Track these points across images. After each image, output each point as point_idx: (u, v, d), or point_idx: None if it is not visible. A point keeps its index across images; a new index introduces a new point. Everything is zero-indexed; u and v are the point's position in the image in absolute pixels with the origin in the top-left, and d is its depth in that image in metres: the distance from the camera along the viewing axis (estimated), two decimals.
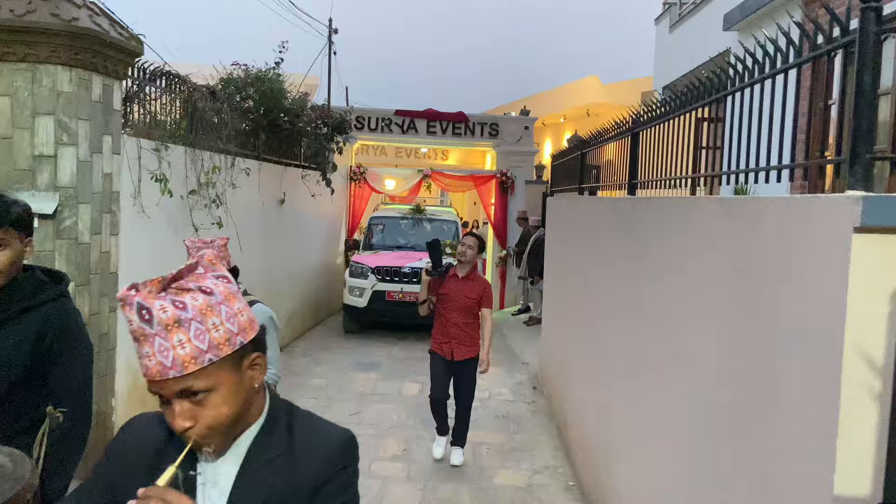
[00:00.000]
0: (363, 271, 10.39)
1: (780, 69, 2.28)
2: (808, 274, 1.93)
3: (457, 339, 5.52)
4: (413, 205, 12.63)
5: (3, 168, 4.33)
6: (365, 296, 10.29)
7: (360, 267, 10.47)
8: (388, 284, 10.21)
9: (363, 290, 10.31)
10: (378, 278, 10.26)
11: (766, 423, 2.15)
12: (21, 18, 4.12)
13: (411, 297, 9.77)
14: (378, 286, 10.22)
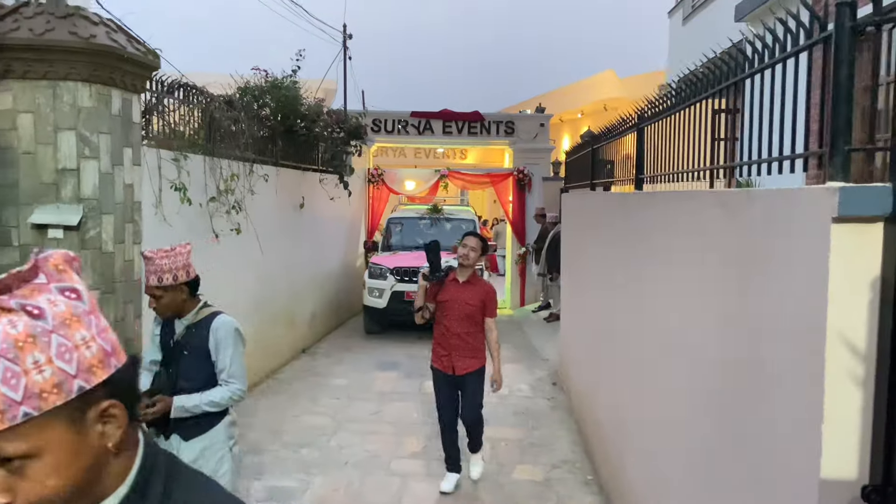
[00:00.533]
0: (382, 272, 10.42)
1: (767, 64, 2.33)
2: (792, 263, 1.98)
3: (458, 351, 5.02)
4: (430, 205, 12.63)
5: (29, 182, 4.51)
6: (384, 297, 10.32)
7: (379, 268, 10.51)
8: (406, 285, 10.16)
9: (382, 291, 10.34)
10: (397, 279, 10.27)
11: (758, 410, 2.21)
12: (41, 37, 4.28)
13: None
14: (397, 287, 10.23)
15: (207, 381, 3.25)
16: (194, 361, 3.25)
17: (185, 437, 3.22)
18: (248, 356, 7.35)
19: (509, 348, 10.21)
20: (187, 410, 3.16)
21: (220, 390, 3.24)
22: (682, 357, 3.13)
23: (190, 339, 3.28)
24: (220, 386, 3.25)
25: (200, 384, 3.23)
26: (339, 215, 11.43)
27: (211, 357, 3.26)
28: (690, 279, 3.06)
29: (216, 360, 3.26)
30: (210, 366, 3.26)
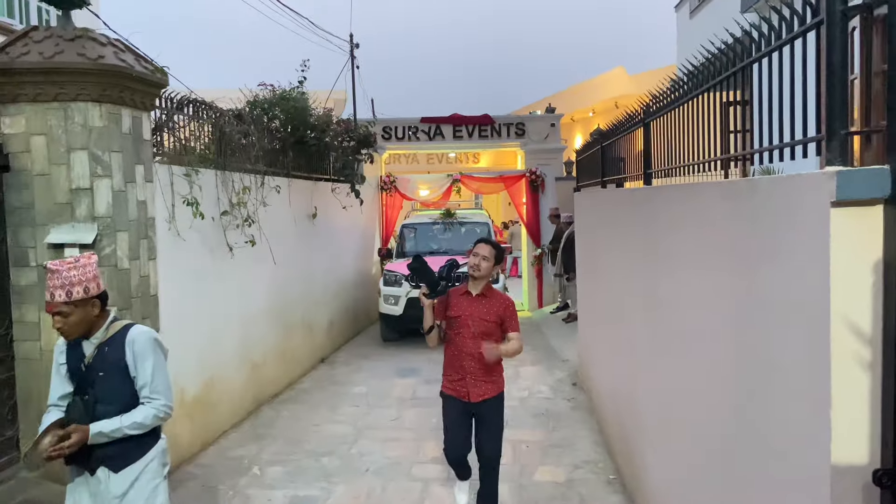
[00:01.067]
0: (396, 279, 10.37)
1: (764, 52, 2.32)
2: (795, 250, 1.97)
3: (473, 375, 4.33)
4: (443, 209, 12.64)
5: (44, 203, 4.59)
6: (400, 304, 10.27)
7: (394, 275, 10.46)
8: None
9: (398, 297, 10.28)
10: (412, 285, 10.03)
11: (770, 400, 2.19)
12: (50, 60, 4.37)
13: None
14: (412, 293, 10.10)
15: (130, 401, 2.93)
16: (112, 382, 2.91)
17: (113, 468, 2.92)
18: (267, 366, 7.50)
19: (528, 350, 10.18)
20: (107, 436, 2.82)
21: (143, 409, 2.91)
22: (697, 351, 3.11)
23: (103, 359, 2.93)
24: (142, 405, 2.93)
25: (123, 407, 2.90)
26: (353, 224, 11.49)
27: (130, 374, 2.94)
28: (700, 272, 3.04)
29: (136, 375, 2.93)
30: (130, 384, 2.94)
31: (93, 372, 2.92)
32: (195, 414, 5.86)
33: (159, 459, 3.06)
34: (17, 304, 4.66)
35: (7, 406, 4.62)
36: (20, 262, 4.64)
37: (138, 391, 2.93)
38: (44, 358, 4.68)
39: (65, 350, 3.02)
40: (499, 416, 4.47)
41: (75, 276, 2.85)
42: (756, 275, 2.32)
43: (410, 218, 13.00)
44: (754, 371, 2.36)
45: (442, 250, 11.57)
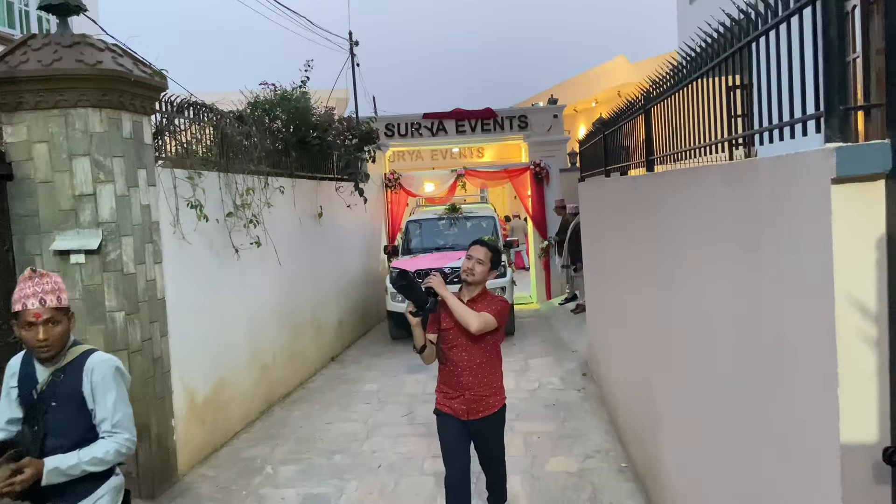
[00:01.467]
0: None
1: (761, 31, 2.30)
2: (798, 229, 1.95)
3: (471, 390, 3.89)
4: (448, 204, 12.47)
5: (48, 210, 4.61)
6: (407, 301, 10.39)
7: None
8: None
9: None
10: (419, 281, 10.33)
11: (779, 382, 2.18)
12: (49, 67, 4.38)
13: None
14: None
15: (84, 436, 2.65)
16: (65, 414, 2.64)
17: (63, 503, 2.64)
18: (277, 367, 7.53)
19: (538, 342, 10.19)
20: (64, 474, 2.55)
21: (104, 444, 2.64)
22: (705, 335, 3.09)
23: (57, 386, 2.66)
24: (103, 439, 2.65)
25: (75, 441, 2.63)
26: (358, 222, 11.49)
27: (87, 405, 2.66)
28: (704, 256, 3.02)
29: (94, 408, 2.66)
30: (86, 417, 2.66)
31: (45, 401, 2.65)
32: (206, 416, 5.88)
33: (110, 497, 2.73)
34: None
35: None
36: None
37: (97, 425, 2.67)
38: None
39: (17, 372, 2.74)
40: (500, 434, 4.08)
41: (48, 283, 2.64)
42: (760, 256, 2.30)
43: (415, 214, 12.88)
44: (762, 352, 2.34)
45: (448, 246, 11.52)
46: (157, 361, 5.15)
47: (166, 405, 5.25)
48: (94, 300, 4.69)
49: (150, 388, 5.01)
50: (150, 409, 5.00)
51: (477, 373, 3.90)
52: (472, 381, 3.90)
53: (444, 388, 4.03)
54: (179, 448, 5.39)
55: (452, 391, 3.96)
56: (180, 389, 5.48)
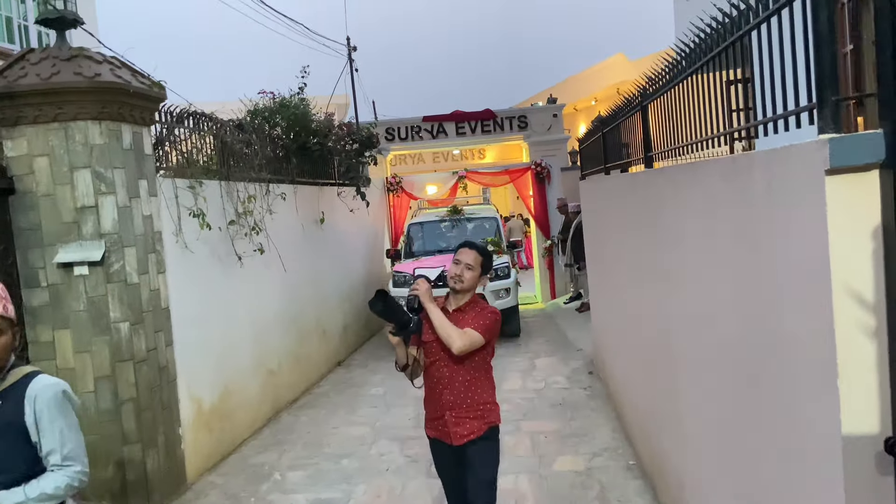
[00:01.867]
0: (406, 280, 10.03)
1: (753, 24, 2.30)
2: (794, 221, 1.95)
3: (454, 410, 3.42)
4: (450, 206, 12.35)
5: (50, 223, 4.63)
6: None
7: (402, 276, 10.18)
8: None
9: None
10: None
11: (780, 375, 2.18)
12: (48, 81, 4.41)
13: None
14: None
15: (28, 471, 2.36)
16: (5, 446, 2.35)
17: None
18: (283, 373, 7.55)
19: (543, 342, 10.19)
20: None
21: (54, 477, 2.36)
22: (707, 330, 3.09)
23: None
24: (52, 472, 2.37)
25: (17, 478, 2.34)
26: (361, 226, 11.51)
27: (30, 437, 2.37)
28: (705, 252, 3.02)
29: (39, 440, 2.37)
30: (30, 450, 2.38)
31: None
32: (213, 424, 5.90)
33: None
34: (30, 325, 4.71)
35: None
36: (31, 282, 4.69)
37: (44, 457, 2.39)
38: (60, 377, 4.69)
39: None
40: (489, 460, 3.49)
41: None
42: (759, 249, 2.30)
43: (417, 217, 12.76)
44: (762, 345, 2.34)
45: (450, 248, 11.33)
46: (163, 371, 5.17)
47: (173, 414, 5.27)
48: (99, 311, 4.71)
49: (156, 397, 5.03)
50: (157, 418, 5.02)
51: (459, 392, 3.43)
52: (454, 400, 3.43)
53: (427, 408, 3.60)
54: (187, 456, 5.41)
55: (435, 411, 3.51)
56: (187, 398, 5.50)
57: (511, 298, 10.19)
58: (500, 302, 9.82)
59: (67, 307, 4.69)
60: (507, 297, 10.08)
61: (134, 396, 4.82)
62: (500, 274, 10.11)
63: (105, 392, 4.74)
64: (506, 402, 7.14)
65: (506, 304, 9.93)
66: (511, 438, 6.11)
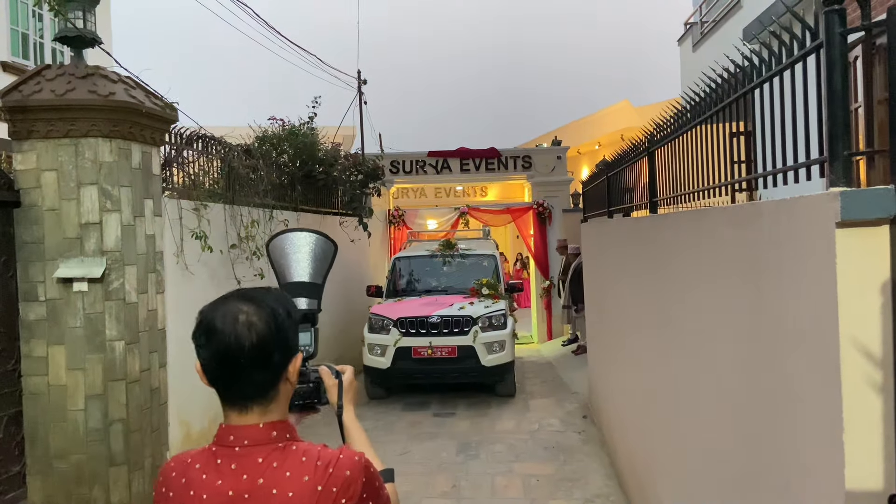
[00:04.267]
0: (384, 325, 8.84)
1: (765, 77, 2.34)
2: (802, 273, 1.95)
3: None
4: (443, 240, 10.98)
5: (54, 238, 4.63)
6: (388, 354, 8.64)
7: (381, 320, 8.91)
8: (413, 338, 8.59)
9: (385, 347, 8.66)
10: (401, 332, 8.66)
11: (783, 427, 2.16)
12: (62, 97, 4.45)
13: (443, 351, 8.55)
14: (402, 342, 8.60)
15: None
16: None
17: None
18: None
19: (538, 383, 10.10)
20: None
21: None
22: (709, 380, 3.07)
23: None
24: None
25: None
26: (361, 258, 11.51)
27: None
28: (709, 299, 3.02)
29: None
30: None
31: None
32: None
33: None
34: (25, 339, 4.67)
35: (14, 441, 4.60)
36: (29, 296, 4.66)
37: None
38: (51, 393, 4.67)
39: None
40: None
41: None
42: (764, 300, 2.30)
43: (406, 250, 11.34)
44: (766, 397, 2.32)
45: (441, 288, 10.16)
46: (155, 392, 5.11)
47: (161, 437, 5.20)
48: (95, 329, 4.67)
49: (146, 418, 4.96)
50: (146, 440, 4.95)
51: None
52: None
53: None
54: None
55: None
56: (176, 422, 5.43)
57: (506, 353, 8.75)
58: (493, 357, 8.58)
59: (64, 323, 4.66)
60: (501, 352, 8.70)
61: (124, 417, 4.75)
62: (493, 324, 8.79)
63: (95, 411, 4.68)
64: (499, 443, 7.07)
65: (499, 360, 8.65)
66: (503, 479, 6.03)
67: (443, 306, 8.98)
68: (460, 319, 8.66)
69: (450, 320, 8.66)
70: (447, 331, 8.62)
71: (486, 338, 8.63)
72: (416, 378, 8.86)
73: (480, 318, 8.72)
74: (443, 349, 8.55)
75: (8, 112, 4.57)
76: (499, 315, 8.93)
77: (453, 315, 8.70)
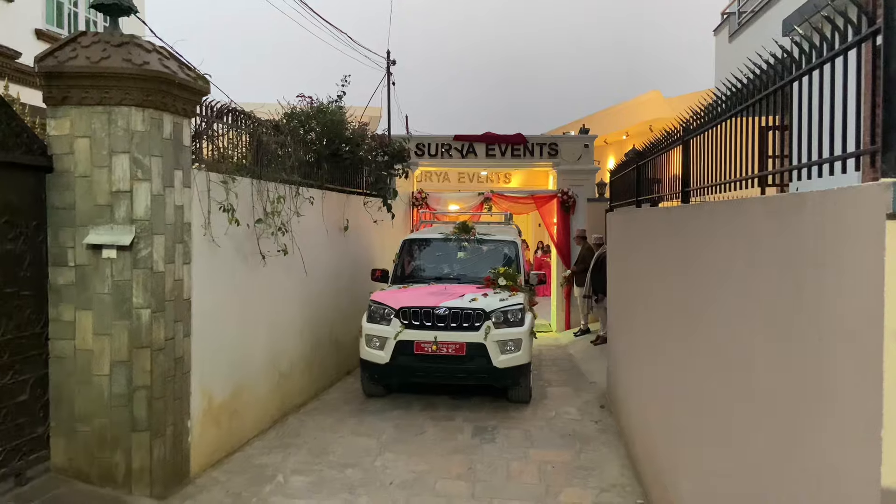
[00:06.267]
0: (384, 314, 7.82)
1: (815, 64, 2.27)
2: (846, 265, 1.90)
3: None
4: (458, 223, 9.79)
5: (85, 204, 4.68)
6: (387, 348, 7.64)
7: (381, 308, 7.87)
8: (417, 331, 7.59)
9: (384, 340, 7.67)
10: (404, 323, 7.66)
11: (817, 421, 2.12)
12: (97, 65, 4.47)
13: (449, 348, 7.54)
14: (404, 334, 7.60)
15: None
16: None
17: None
18: (294, 376, 7.54)
19: (556, 371, 10.09)
20: None
21: None
22: (738, 373, 3.03)
23: None
24: None
25: None
26: (384, 238, 11.51)
27: None
28: (742, 291, 2.97)
29: None
30: None
31: None
32: (221, 420, 5.88)
33: None
34: (53, 303, 4.74)
35: (39, 403, 4.68)
36: (59, 261, 4.73)
37: None
38: (78, 357, 4.74)
39: None
40: None
41: None
42: (803, 293, 2.25)
43: (417, 232, 10.32)
44: (799, 394, 2.28)
45: (453, 276, 9.04)
46: (179, 361, 5.17)
47: (184, 406, 5.26)
48: (122, 296, 4.73)
49: (169, 387, 5.02)
50: (168, 408, 5.01)
51: None
52: None
53: None
54: (193, 450, 5.38)
55: None
56: (198, 391, 5.49)
57: (522, 353, 7.68)
58: (507, 357, 7.58)
59: (92, 289, 4.72)
60: (517, 352, 7.65)
61: (148, 384, 4.82)
62: (509, 319, 7.75)
63: (120, 377, 4.75)
64: (515, 428, 7.06)
65: (513, 361, 7.61)
66: (518, 464, 6.04)
67: (452, 296, 7.92)
68: (471, 313, 7.64)
69: (459, 313, 7.63)
70: (455, 325, 7.61)
71: (500, 335, 7.62)
72: (417, 376, 7.85)
73: (494, 313, 7.68)
74: (449, 345, 7.54)
75: (43, 77, 4.61)
76: (515, 309, 7.87)
77: (463, 307, 7.67)
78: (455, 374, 7.73)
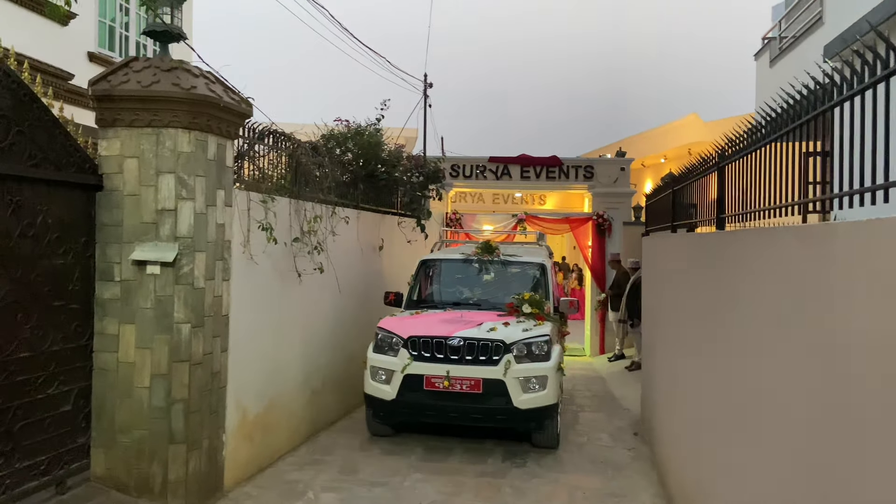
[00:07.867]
0: (392, 343, 7.00)
1: (857, 90, 2.28)
2: (879, 293, 1.89)
3: None
4: (481, 242, 8.82)
5: (132, 222, 4.85)
6: (394, 382, 6.83)
7: (389, 337, 7.06)
8: (426, 364, 6.77)
9: (391, 373, 6.86)
10: (412, 355, 6.84)
11: (851, 453, 2.09)
12: (147, 89, 4.65)
13: (463, 384, 6.66)
14: (412, 367, 6.77)
15: None
16: None
17: None
18: (326, 393, 7.64)
19: (588, 396, 9.99)
20: None
21: None
22: (773, 405, 3.00)
23: None
24: None
25: None
26: (416, 258, 11.57)
27: None
28: (777, 321, 2.95)
29: None
30: None
31: None
32: (255, 435, 5.97)
33: None
34: (99, 317, 4.90)
35: (82, 414, 4.82)
36: (105, 276, 4.89)
37: None
38: (120, 370, 4.88)
39: None
40: None
41: None
42: (838, 322, 2.23)
43: (436, 252, 9.28)
44: (835, 425, 2.26)
45: (473, 301, 8.13)
46: (216, 376, 5.28)
47: (219, 420, 5.36)
48: (164, 311, 4.86)
49: (206, 401, 5.13)
50: (205, 421, 5.12)
51: None
52: None
53: None
54: (227, 463, 5.47)
55: None
56: (234, 406, 5.59)
57: (548, 393, 6.74)
58: (530, 397, 6.66)
59: (135, 303, 4.87)
60: (541, 391, 6.72)
61: (185, 397, 4.93)
62: (533, 352, 6.84)
63: (159, 390, 4.87)
64: (546, 454, 7.00)
65: (537, 402, 6.69)
66: (548, 488, 5.99)
67: (469, 325, 7.05)
68: (489, 344, 6.75)
69: (475, 344, 6.75)
70: (470, 358, 6.73)
71: (522, 370, 6.72)
72: (427, 416, 7.02)
73: (516, 345, 6.79)
74: (463, 382, 6.65)
75: (96, 100, 4.81)
76: (541, 341, 6.92)
77: (479, 338, 6.79)
78: (470, 414, 6.88)
